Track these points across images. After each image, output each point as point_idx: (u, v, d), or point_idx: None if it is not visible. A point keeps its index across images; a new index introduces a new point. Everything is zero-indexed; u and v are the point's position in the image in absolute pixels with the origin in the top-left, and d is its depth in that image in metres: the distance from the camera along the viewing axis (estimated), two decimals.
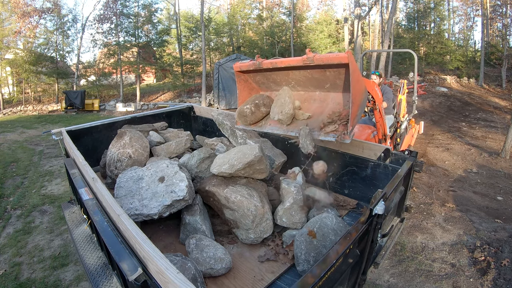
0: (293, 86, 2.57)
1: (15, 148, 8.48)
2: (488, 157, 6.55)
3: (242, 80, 2.73)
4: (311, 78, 2.36)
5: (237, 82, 2.72)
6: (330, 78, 2.24)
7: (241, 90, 2.74)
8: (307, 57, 2.07)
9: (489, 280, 2.98)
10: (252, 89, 2.83)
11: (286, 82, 2.57)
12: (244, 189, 2.20)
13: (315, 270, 1.19)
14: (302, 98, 2.57)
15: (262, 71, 2.51)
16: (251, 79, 2.76)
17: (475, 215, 4.22)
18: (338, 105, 2.32)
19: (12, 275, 3.32)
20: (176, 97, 17.32)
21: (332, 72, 2.17)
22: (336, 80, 2.23)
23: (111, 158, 2.87)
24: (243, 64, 2.56)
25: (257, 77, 2.71)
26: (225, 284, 1.82)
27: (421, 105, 11.78)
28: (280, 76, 2.52)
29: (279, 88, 2.69)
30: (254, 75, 2.68)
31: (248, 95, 2.79)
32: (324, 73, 2.23)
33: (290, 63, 2.25)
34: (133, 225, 1.46)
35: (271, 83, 2.68)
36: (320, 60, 2.03)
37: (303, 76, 2.39)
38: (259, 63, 2.39)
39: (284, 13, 21.14)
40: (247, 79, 2.76)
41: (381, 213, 1.51)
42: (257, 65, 2.42)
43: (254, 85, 2.82)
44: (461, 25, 25.08)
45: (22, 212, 4.71)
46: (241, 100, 2.73)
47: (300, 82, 2.49)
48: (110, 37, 17.63)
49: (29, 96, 17.73)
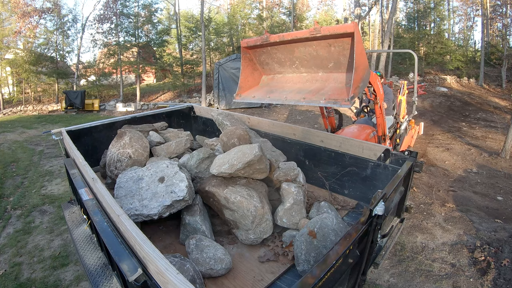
0: (297, 66, 2.56)
1: (15, 148, 8.48)
2: (488, 157, 6.55)
3: (247, 58, 2.72)
4: (316, 56, 2.35)
5: (241, 59, 2.71)
6: (334, 54, 2.24)
7: (244, 67, 2.73)
8: (314, 28, 2.08)
9: (489, 280, 2.98)
10: (255, 70, 2.82)
11: (290, 62, 2.56)
12: (244, 190, 2.20)
13: (315, 270, 1.19)
14: (304, 79, 2.57)
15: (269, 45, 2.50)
16: (256, 58, 2.74)
17: (475, 215, 4.22)
18: (340, 84, 2.32)
19: (12, 275, 3.32)
20: (176, 97, 17.32)
21: (337, 47, 2.18)
22: (340, 57, 2.23)
23: (111, 158, 2.86)
24: (250, 39, 2.57)
25: (262, 57, 2.69)
26: (225, 284, 1.82)
27: (421, 105, 11.79)
28: (285, 54, 2.52)
29: (282, 70, 2.69)
30: (260, 54, 2.67)
31: (250, 74, 2.78)
32: (329, 49, 2.23)
33: (297, 35, 2.25)
34: (133, 225, 1.46)
35: (275, 64, 2.67)
36: (326, 30, 2.05)
37: (307, 54, 2.38)
38: (267, 37, 2.39)
39: (284, 13, 21.15)
40: (252, 58, 2.74)
41: (381, 213, 1.51)
42: (264, 39, 2.42)
43: (257, 66, 2.80)
44: (461, 25, 25.10)
45: (22, 212, 4.71)
46: (243, 78, 2.73)
47: (304, 62, 2.48)
48: (110, 37, 17.62)
49: (29, 96, 17.73)
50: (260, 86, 2.83)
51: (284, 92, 2.49)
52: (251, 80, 2.81)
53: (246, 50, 2.67)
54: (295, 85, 2.57)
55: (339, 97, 2.10)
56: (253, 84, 2.82)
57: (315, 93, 2.29)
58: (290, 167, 2.53)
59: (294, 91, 2.46)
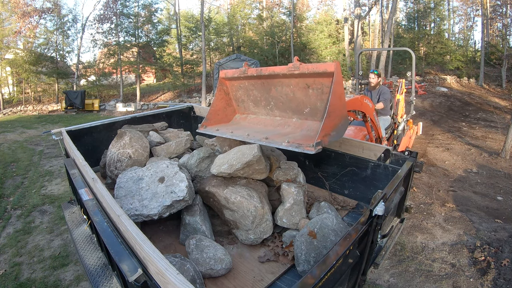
0: (271, 108, 2.48)
1: (15, 148, 8.48)
2: (488, 157, 6.55)
3: (223, 91, 2.64)
4: (292, 98, 2.26)
5: (217, 90, 2.64)
6: (311, 98, 2.13)
7: (217, 99, 2.64)
8: (292, 65, 2.02)
9: (489, 280, 2.98)
10: (229, 106, 2.73)
11: (266, 102, 2.47)
12: (244, 190, 2.20)
13: (315, 270, 1.19)
14: (277, 123, 2.47)
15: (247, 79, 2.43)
16: (232, 93, 2.67)
17: (475, 215, 4.22)
18: (312, 132, 2.16)
19: (12, 275, 3.32)
20: (176, 97, 17.32)
21: (315, 90, 2.07)
22: (317, 102, 2.11)
23: (111, 158, 2.86)
24: (229, 71, 2.52)
25: (239, 92, 2.61)
26: (225, 284, 1.82)
27: (421, 105, 11.79)
28: (262, 93, 2.44)
29: (256, 110, 2.62)
30: (237, 88, 2.60)
31: (222, 110, 2.70)
32: (306, 92, 2.13)
33: (275, 71, 2.19)
34: (133, 225, 1.46)
35: (251, 102, 2.58)
36: (305, 68, 1.98)
37: (284, 95, 2.30)
38: (245, 70, 2.34)
39: (284, 13, 21.13)
40: (228, 91, 2.67)
41: (381, 214, 1.51)
42: (243, 71, 2.36)
43: (232, 102, 2.71)
44: (461, 25, 25.12)
45: (22, 212, 4.72)
46: (213, 110, 2.65)
47: (279, 103, 2.38)
48: (110, 37, 17.64)
49: (29, 96, 17.73)
50: (230, 123, 2.74)
51: (249, 129, 2.41)
52: (222, 115, 2.72)
53: (224, 82, 2.60)
54: (266, 127, 2.49)
55: (304, 142, 1.92)
56: (224, 120, 2.73)
57: (281, 136, 2.17)
58: (290, 167, 2.53)
59: (261, 131, 2.36)
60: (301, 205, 2.26)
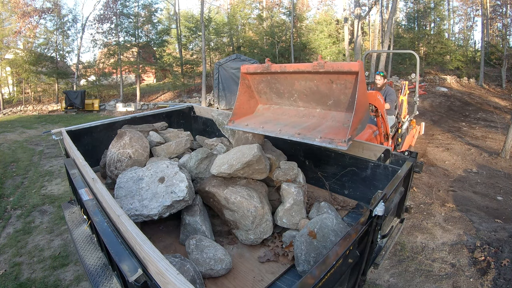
0: (295, 100, 2.50)
1: (15, 148, 8.47)
2: (488, 157, 6.55)
3: (245, 84, 2.66)
4: (316, 91, 2.30)
5: (240, 84, 2.65)
6: (335, 92, 2.18)
7: (241, 93, 2.67)
8: (317, 63, 2.05)
9: (489, 280, 2.98)
10: (252, 98, 2.76)
11: (289, 94, 2.50)
12: (244, 190, 2.20)
13: (315, 271, 1.19)
14: (301, 114, 2.51)
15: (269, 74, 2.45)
16: (254, 86, 2.69)
17: (475, 215, 4.22)
18: (338, 123, 2.25)
19: (12, 275, 3.32)
20: (176, 97, 17.32)
21: (339, 85, 2.13)
22: (341, 96, 2.18)
23: (111, 158, 2.86)
24: (251, 66, 2.53)
25: (261, 85, 2.63)
26: (225, 284, 1.82)
27: (421, 105, 11.78)
28: (285, 86, 2.46)
29: (279, 101, 2.63)
30: (259, 81, 2.62)
31: (246, 102, 2.72)
32: (330, 86, 2.18)
33: (300, 68, 2.21)
34: (133, 225, 1.46)
35: (273, 94, 2.61)
36: (330, 67, 2.02)
37: (308, 88, 2.33)
38: (268, 66, 2.35)
39: (284, 13, 21.12)
40: (250, 85, 2.69)
41: (381, 214, 1.51)
42: (265, 67, 2.37)
43: (254, 94, 2.74)
44: (461, 25, 25.10)
45: (22, 212, 4.71)
46: (238, 104, 2.67)
47: (303, 96, 2.42)
48: (110, 37, 17.62)
49: (29, 96, 17.72)
50: (254, 115, 2.77)
51: (279, 124, 2.43)
52: (247, 107, 2.75)
53: (245, 76, 2.61)
54: (291, 118, 2.52)
55: (335, 137, 2.03)
56: (248, 112, 2.76)
57: (311, 130, 2.23)
58: (290, 167, 2.53)
59: (289, 124, 2.39)
60: (301, 205, 2.26)
